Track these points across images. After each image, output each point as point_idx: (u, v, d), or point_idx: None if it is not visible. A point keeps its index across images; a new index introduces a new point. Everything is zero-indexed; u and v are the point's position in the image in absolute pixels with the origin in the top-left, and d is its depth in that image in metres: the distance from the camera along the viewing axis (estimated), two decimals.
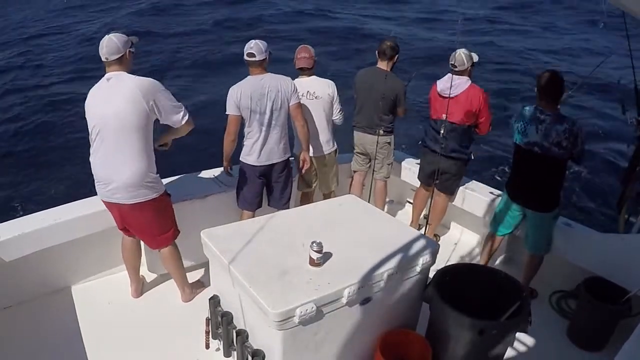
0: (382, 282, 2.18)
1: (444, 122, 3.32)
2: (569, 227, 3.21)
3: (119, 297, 3.00)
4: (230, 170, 3.44)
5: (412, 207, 4.09)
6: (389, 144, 3.88)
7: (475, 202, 3.77)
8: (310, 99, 3.56)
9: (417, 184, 4.02)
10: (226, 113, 3.15)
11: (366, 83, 3.76)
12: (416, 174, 4.01)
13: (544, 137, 2.86)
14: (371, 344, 2.30)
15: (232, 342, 2.31)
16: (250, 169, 3.25)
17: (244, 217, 3.34)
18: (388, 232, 2.56)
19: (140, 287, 3.06)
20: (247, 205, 3.34)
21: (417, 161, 4.05)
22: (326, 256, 2.20)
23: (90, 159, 2.58)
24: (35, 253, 2.75)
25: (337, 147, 3.83)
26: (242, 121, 3.18)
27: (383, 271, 2.17)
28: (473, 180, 4.00)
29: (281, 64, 3.63)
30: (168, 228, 2.80)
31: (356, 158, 4.07)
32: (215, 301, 2.46)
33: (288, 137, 3.34)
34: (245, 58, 3.09)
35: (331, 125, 3.76)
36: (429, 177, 3.76)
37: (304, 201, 3.91)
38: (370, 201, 3.67)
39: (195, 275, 3.23)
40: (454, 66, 3.47)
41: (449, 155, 3.55)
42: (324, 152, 3.73)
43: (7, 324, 2.71)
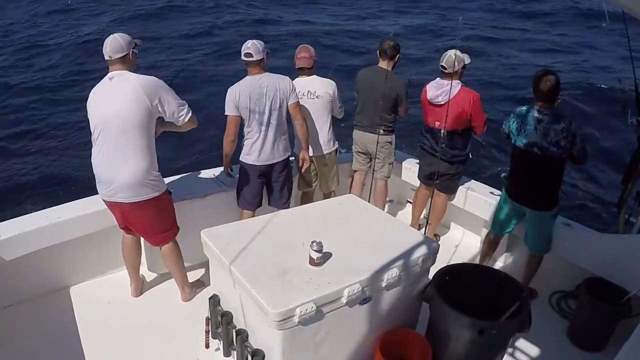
0: (382, 282, 2.18)
1: (439, 131, 3.30)
2: (568, 227, 3.21)
3: (118, 297, 3.00)
4: (231, 171, 3.45)
5: (412, 207, 4.09)
6: (390, 143, 3.88)
7: (475, 202, 3.77)
8: (311, 98, 3.56)
9: (417, 184, 4.02)
10: (225, 114, 3.15)
11: (367, 82, 3.77)
12: (416, 173, 4.01)
13: (542, 137, 2.86)
14: (371, 344, 2.30)
15: (232, 341, 2.31)
16: (250, 169, 3.25)
17: (244, 216, 3.34)
18: (388, 232, 2.56)
19: (140, 286, 3.06)
20: (247, 205, 3.34)
21: (417, 161, 4.05)
22: (326, 256, 2.20)
23: (92, 159, 2.58)
24: (35, 252, 2.75)
25: (337, 146, 3.84)
26: (241, 121, 3.18)
27: (383, 271, 2.17)
28: (473, 180, 4.00)
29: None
30: (169, 226, 2.81)
31: (357, 157, 4.07)
32: (215, 301, 2.46)
33: (288, 137, 3.34)
34: (243, 58, 3.09)
35: (332, 124, 3.76)
36: (428, 177, 3.76)
37: (304, 201, 3.91)
38: (370, 201, 3.67)
39: (195, 274, 3.23)
40: (444, 68, 3.44)
41: (448, 159, 3.55)
42: (324, 151, 3.73)
43: (7, 323, 2.71)
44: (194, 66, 11.24)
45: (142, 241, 2.96)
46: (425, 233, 3.29)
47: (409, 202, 4.47)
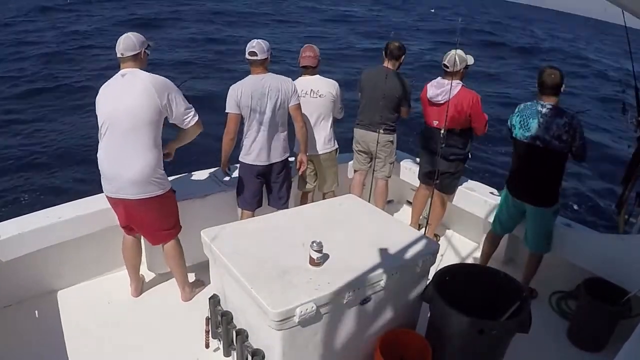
0: (382, 282, 2.18)
1: (438, 130, 3.31)
2: (568, 228, 3.21)
3: (118, 297, 3.00)
4: (228, 170, 3.44)
5: (412, 207, 4.09)
6: (391, 142, 3.89)
7: (475, 202, 3.77)
8: (313, 97, 3.57)
9: (417, 184, 4.02)
10: (226, 111, 3.15)
11: (371, 81, 3.79)
12: (416, 173, 4.01)
13: (545, 130, 2.88)
14: (371, 343, 2.30)
15: (232, 341, 2.30)
16: (249, 169, 3.25)
17: (243, 216, 3.34)
18: (388, 232, 2.56)
19: (140, 286, 3.06)
20: (246, 205, 3.34)
21: (418, 160, 4.06)
22: (326, 256, 2.19)
23: (98, 155, 2.59)
24: (35, 252, 2.75)
25: (337, 146, 3.84)
26: (241, 120, 3.18)
27: (383, 271, 2.17)
28: (473, 180, 4.00)
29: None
30: (172, 224, 2.82)
31: (357, 157, 4.07)
32: (215, 300, 2.46)
33: (287, 138, 3.34)
34: (247, 57, 3.09)
35: (332, 124, 3.76)
36: (428, 176, 3.76)
37: (303, 201, 3.91)
38: (370, 201, 3.67)
39: (195, 274, 3.23)
40: (446, 67, 3.46)
41: (447, 157, 3.56)
42: (324, 150, 3.73)
43: (7, 322, 2.71)
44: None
45: (143, 241, 2.96)
46: (425, 233, 3.28)
47: (408, 202, 4.47)
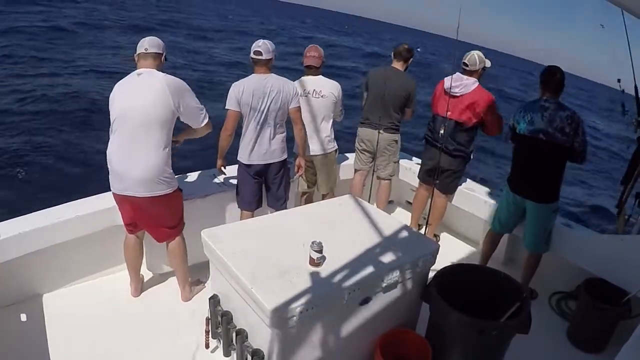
0: (382, 282, 2.18)
1: (446, 120, 3.39)
2: (568, 228, 3.21)
3: (118, 296, 3.00)
4: (224, 168, 3.41)
5: (412, 207, 4.10)
6: (396, 142, 3.92)
7: (475, 202, 3.77)
8: (316, 97, 3.58)
9: (417, 184, 4.02)
10: (225, 108, 3.15)
11: (378, 81, 3.83)
12: (416, 173, 4.02)
13: (549, 123, 2.92)
14: (371, 343, 2.30)
15: (232, 341, 2.30)
16: (246, 168, 3.25)
17: (243, 217, 3.34)
18: (388, 232, 2.56)
19: (140, 286, 3.06)
20: (245, 205, 3.34)
21: (418, 161, 4.07)
22: (326, 256, 2.20)
23: (107, 150, 2.60)
24: (35, 252, 2.75)
25: (337, 147, 3.84)
26: (240, 119, 3.18)
27: (383, 271, 2.18)
28: (473, 181, 4.00)
29: None
30: (177, 222, 2.84)
31: (359, 156, 4.08)
32: (215, 300, 2.46)
33: (286, 139, 3.33)
34: (252, 56, 3.09)
35: (333, 125, 3.76)
36: (429, 174, 3.77)
37: (303, 201, 3.91)
38: (370, 201, 3.68)
39: (195, 274, 3.22)
40: (465, 65, 3.55)
41: (450, 152, 3.58)
42: (324, 151, 3.73)
43: (9, 322, 2.71)
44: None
45: (143, 241, 2.96)
46: (425, 233, 3.29)
47: (408, 202, 4.47)
